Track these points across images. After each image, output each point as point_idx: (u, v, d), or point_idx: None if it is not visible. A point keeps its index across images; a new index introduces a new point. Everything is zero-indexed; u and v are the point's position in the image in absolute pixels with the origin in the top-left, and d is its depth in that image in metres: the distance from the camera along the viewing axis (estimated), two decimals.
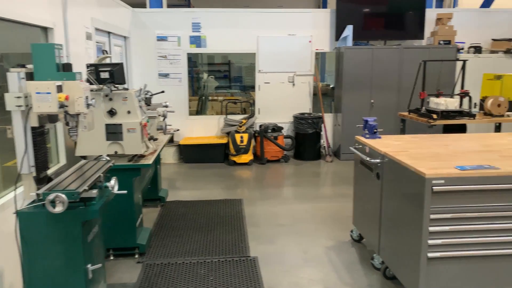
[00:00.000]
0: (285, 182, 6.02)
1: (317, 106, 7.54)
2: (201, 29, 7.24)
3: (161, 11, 7.31)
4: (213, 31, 7.24)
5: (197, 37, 7.26)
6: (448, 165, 2.70)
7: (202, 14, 7.26)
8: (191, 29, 7.24)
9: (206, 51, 7.38)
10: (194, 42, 7.27)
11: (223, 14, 7.27)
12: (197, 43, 7.27)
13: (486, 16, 7.67)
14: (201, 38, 7.26)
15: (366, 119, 3.78)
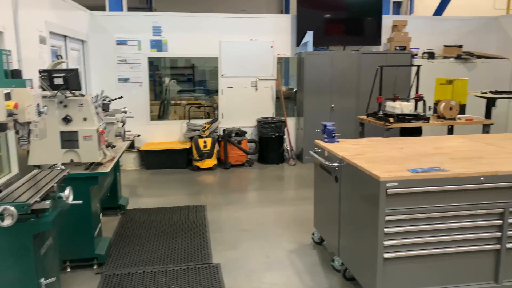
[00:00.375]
0: (249, 187, 6.05)
1: (280, 110, 7.63)
2: (162, 33, 7.17)
3: (120, 15, 7.18)
4: (174, 35, 7.18)
5: (158, 41, 7.18)
6: (401, 168, 2.80)
7: (163, 18, 7.19)
8: (151, 33, 7.15)
9: (167, 55, 7.32)
10: (155, 46, 7.19)
11: (185, 18, 7.23)
12: (158, 47, 7.19)
13: (438, 24, 8.05)
14: (162, 42, 7.19)
15: (324, 123, 3.86)
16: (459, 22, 8.06)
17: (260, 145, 7.30)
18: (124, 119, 4.33)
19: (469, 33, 8.04)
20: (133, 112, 6.74)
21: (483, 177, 2.70)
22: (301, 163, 7.30)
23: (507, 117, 7.68)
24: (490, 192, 2.74)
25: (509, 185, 2.74)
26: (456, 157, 3.10)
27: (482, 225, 2.77)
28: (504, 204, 2.76)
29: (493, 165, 2.85)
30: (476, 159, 3.03)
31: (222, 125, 7.44)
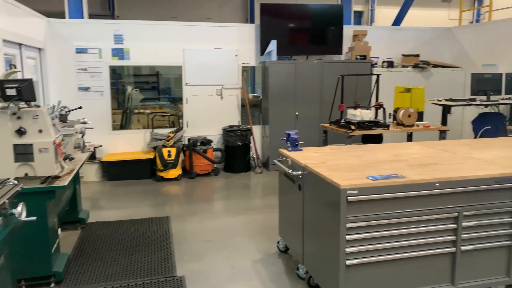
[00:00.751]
0: (214, 196, 6.01)
1: (246, 118, 7.64)
2: (124, 41, 7.05)
3: (80, 22, 7.00)
4: (137, 43, 7.07)
5: (119, 49, 7.05)
6: (361, 176, 2.87)
7: (125, 26, 7.07)
8: (113, 41, 7.02)
9: (129, 64, 7.19)
10: (117, 55, 7.05)
11: (148, 27, 7.15)
12: (119, 56, 7.05)
13: (396, 34, 8.36)
14: (124, 50, 7.06)
15: (288, 132, 3.90)
16: (416, 33, 8.40)
17: (226, 153, 7.28)
18: (83, 130, 4.21)
19: (425, 43, 8.39)
20: (94, 122, 6.61)
21: (438, 183, 2.81)
22: (268, 171, 7.33)
23: (461, 123, 8.04)
24: (445, 197, 2.85)
25: (462, 190, 2.86)
26: (413, 164, 3.20)
27: (438, 229, 2.87)
28: (458, 209, 2.88)
29: (447, 171, 2.97)
30: (432, 166, 3.14)
31: (187, 134, 7.37)
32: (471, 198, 2.89)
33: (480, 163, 3.22)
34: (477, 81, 6.29)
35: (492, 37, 7.50)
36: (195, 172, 6.91)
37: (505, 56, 7.19)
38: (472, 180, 2.87)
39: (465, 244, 2.92)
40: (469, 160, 3.34)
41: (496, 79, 6.40)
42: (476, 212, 2.91)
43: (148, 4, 12.84)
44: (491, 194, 2.94)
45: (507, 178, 2.94)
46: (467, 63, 8.02)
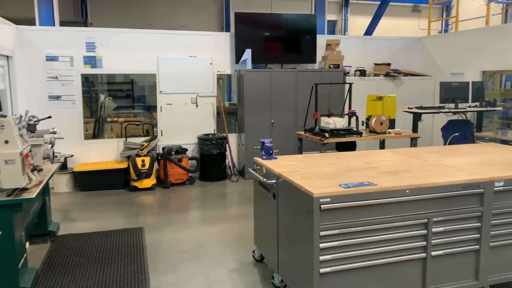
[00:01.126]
0: (190, 205, 5.95)
1: (222, 127, 7.63)
2: (97, 49, 6.94)
3: (50, 29, 6.86)
4: (109, 51, 6.98)
5: (92, 57, 6.94)
6: (334, 184, 2.90)
7: (97, 33, 6.97)
8: (85, 48, 6.90)
9: (102, 72, 7.08)
10: (89, 63, 6.93)
11: (121, 34, 7.07)
12: (92, 64, 6.94)
13: (368, 43, 8.55)
14: (97, 58, 6.95)
15: (262, 141, 3.91)
16: (387, 42, 8.61)
17: (201, 162, 7.23)
18: (53, 140, 4.10)
19: (396, 52, 8.61)
20: (66, 131, 6.47)
21: (408, 190, 2.87)
22: (244, 179, 7.33)
23: (432, 130, 8.26)
24: (415, 203, 2.91)
25: (431, 196, 2.93)
26: (385, 171, 3.26)
27: (410, 236, 2.93)
28: (428, 215, 2.94)
29: (417, 178, 3.03)
30: (402, 173, 3.21)
31: (161, 143, 7.29)
32: (440, 204, 2.97)
33: (449, 170, 3.31)
34: (445, 89, 6.48)
35: (459, 46, 7.76)
36: (170, 182, 6.84)
37: (471, 65, 7.46)
38: (441, 187, 2.94)
39: (435, 250, 2.98)
40: (438, 167, 3.43)
41: (463, 87, 6.62)
42: (445, 218, 2.98)
43: (122, 12, 12.71)
44: (459, 200, 3.02)
45: (473, 184, 3.03)
46: (436, 72, 8.27)
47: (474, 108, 6.61)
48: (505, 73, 9.35)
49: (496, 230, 3.14)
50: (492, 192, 3.08)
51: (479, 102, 6.65)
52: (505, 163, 3.56)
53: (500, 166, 3.42)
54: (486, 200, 3.07)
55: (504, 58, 6.83)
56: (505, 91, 9.99)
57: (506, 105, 8.98)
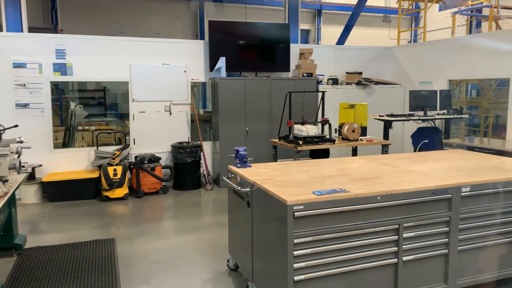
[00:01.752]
0: (163, 215, 5.87)
1: (196, 134, 7.58)
2: (67, 56, 6.79)
3: (18, 36, 6.67)
4: (80, 58, 6.84)
5: (62, 64, 6.78)
6: (307, 191, 2.92)
7: (67, 40, 6.82)
8: (54, 55, 6.74)
9: (73, 79, 6.93)
10: (59, 70, 6.77)
11: (93, 41, 6.94)
12: (62, 71, 6.78)
13: (340, 52, 8.72)
14: (67, 65, 6.80)
15: (237, 149, 3.91)
16: (359, 51, 8.80)
17: (175, 170, 7.16)
18: (20, 149, 3.96)
19: (367, 61, 8.81)
20: (34, 141, 6.28)
21: (379, 197, 2.92)
22: (218, 187, 7.29)
23: (402, 137, 8.47)
24: (386, 210, 2.96)
25: (402, 202, 2.99)
26: (357, 178, 3.32)
27: (381, 241, 2.97)
28: (398, 220, 3.00)
29: (388, 185, 3.10)
30: (374, 179, 3.27)
31: (134, 152, 7.18)
32: (410, 210, 3.03)
33: (418, 176, 3.39)
34: (414, 97, 6.67)
35: (427, 56, 8.02)
36: (143, 191, 6.73)
37: (438, 74, 7.71)
38: (411, 193, 3.02)
39: (406, 255, 3.04)
40: (408, 173, 3.51)
41: (431, 95, 6.83)
42: (415, 223, 3.05)
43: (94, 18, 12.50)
44: (428, 206, 3.10)
45: (442, 190, 3.12)
46: (405, 80, 8.50)
47: (442, 116, 6.82)
48: (471, 82, 9.73)
49: (464, 234, 3.23)
50: (459, 197, 3.18)
51: (447, 110, 6.87)
52: (471, 169, 3.69)
53: (467, 172, 3.53)
54: (454, 205, 3.16)
55: (469, 68, 7.10)
56: (471, 99, 10.40)
57: (472, 113, 9.34)
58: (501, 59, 6.49)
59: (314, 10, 14.70)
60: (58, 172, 6.77)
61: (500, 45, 6.51)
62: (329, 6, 14.54)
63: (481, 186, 3.24)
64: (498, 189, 3.30)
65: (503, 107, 7.59)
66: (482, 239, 3.30)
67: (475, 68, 6.96)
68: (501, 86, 8.91)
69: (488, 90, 9.29)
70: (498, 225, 3.35)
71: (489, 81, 9.13)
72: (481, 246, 3.30)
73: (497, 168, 3.73)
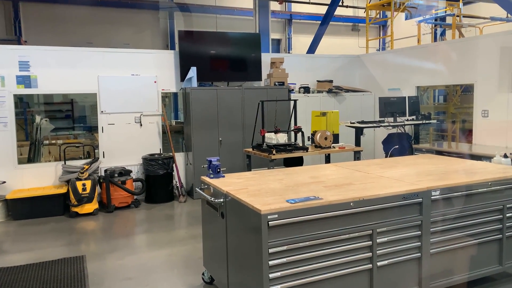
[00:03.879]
0: (135, 230, 5.75)
1: (168, 146, 7.49)
2: (31, 68, 6.61)
3: None
4: (45, 70, 6.67)
5: (26, 76, 6.59)
6: (281, 200, 2.93)
7: (32, 51, 6.64)
8: (18, 67, 6.54)
9: (38, 92, 6.75)
10: (22, 82, 6.57)
11: (58, 53, 6.79)
12: (26, 83, 6.58)
13: (311, 61, 8.85)
14: (31, 77, 6.61)
15: (209, 159, 3.89)
16: (329, 60, 8.96)
17: (147, 183, 7.05)
18: None
19: (338, 69, 8.97)
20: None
21: (352, 203, 2.96)
22: (192, 199, 7.22)
23: (374, 143, 8.64)
24: (359, 216, 3.00)
25: (374, 208, 3.04)
26: (330, 185, 3.35)
27: (356, 248, 3.00)
28: (372, 226, 3.04)
29: (360, 191, 3.14)
30: (347, 186, 3.31)
31: (103, 165, 7.02)
32: (383, 215, 3.08)
33: (390, 181, 3.46)
34: (384, 104, 6.83)
35: (394, 63, 8.25)
36: (114, 206, 6.58)
37: (406, 80, 7.94)
38: (383, 198, 3.07)
39: (380, 260, 3.08)
40: (380, 179, 3.58)
41: (400, 102, 7.01)
42: (388, 228, 3.10)
43: (60, 29, 12.23)
44: (400, 210, 3.16)
45: (413, 194, 3.19)
46: (375, 88, 8.71)
47: (411, 122, 7.00)
48: (437, 88, 10.08)
49: (435, 237, 3.31)
50: (430, 201, 3.25)
51: (416, 116, 7.06)
52: (440, 172, 3.79)
53: (436, 176, 3.63)
54: (425, 209, 3.23)
55: (435, 74, 7.34)
56: (438, 105, 10.76)
57: (439, 118, 9.66)
58: (464, 65, 6.75)
59: (284, 19, 14.90)
60: (23, 188, 6.53)
61: (464, 52, 6.78)
62: (299, 15, 14.78)
63: (450, 190, 3.33)
64: (467, 191, 3.40)
65: (469, 112, 7.89)
66: (453, 241, 3.38)
67: (441, 75, 7.21)
68: (466, 92, 9.28)
69: (454, 96, 9.64)
70: (468, 226, 3.45)
71: (454, 87, 9.48)
72: (453, 248, 3.38)
73: (465, 171, 3.85)
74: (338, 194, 3.06)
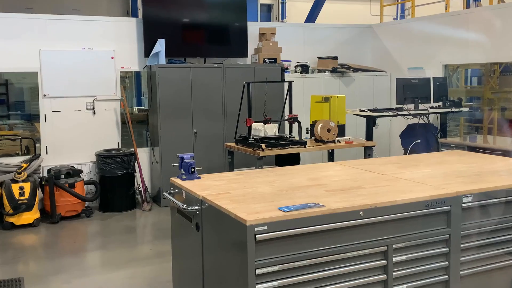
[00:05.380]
0: (87, 245, 5.84)
1: (128, 139, 7.53)
2: None
3: None
4: None
5: None
6: (272, 207, 2.90)
7: None
8: None
9: None
10: None
11: None
12: None
13: (311, 32, 8.86)
14: None
15: (181, 156, 3.89)
16: (333, 30, 8.97)
17: (102, 187, 7.13)
18: None
19: (344, 43, 8.98)
20: None
21: (362, 211, 2.93)
22: (159, 206, 7.32)
23: (389, 137, 8.68)
24: (371, 228, 2.98)
25: (390, 218, 3.02)
26: (334, 189, 3.34)
27: (366, 268, 2.99)
28: (386, 241, 3.02)
29: (372, 196, 3.13)
30: (355, 190, 3.30)
31: (46, 163, 7.07)
32: (400, 227, 3.06)
33: (409, 185, 3.45)
34: (403, 87, 6.85)
35: (416, 36, 8.27)
36: (59, 215, 6.62)
37: (431, 57, 7.96)
38: (400, 206, 3.05)
39: (397, 284, 3.07)
40: (397, 181, 3.57)
41: (423, 84, 7.04)
42: (407, 244, 3.09)
43: None
44: (422, 221, 3.14)
45: (439, 201, 3.18)
46: (391, 66, 8.74)
47: (437, 110, 7.04)
48: (470, 67, 10.12)
49: (467, 255, 3.31)
50: (460, 210, 3.25)
51: (443, 102, 7.10)
52: (473, 173, 3.80)
53: (468, 178, 3.64)
54: (454, 220, 3.23)
55: (467, 50, 7.37)
56: (471, 88, 10.79)
57: (473, 105, 9.70)
58: (505, 38, 6.77)
59: None
60: None
61: (504, 22, 6.79)
62: None
63: (486, 195, 3.33)
64: (507, 197, 3.40)
65: (510, 97, 7.94)
66: (489, 260, 3.39)
67: (475, 50, 7.24)
68: (506, 72, 9.32)
69: (491, 77, 9.69)
70: (509, 242, 3.45)
71: (492, 66, 9.53)
72: (489, 269, 3.39)
73: (506, 172, 3.87)
74: (344, 200, 3.04)
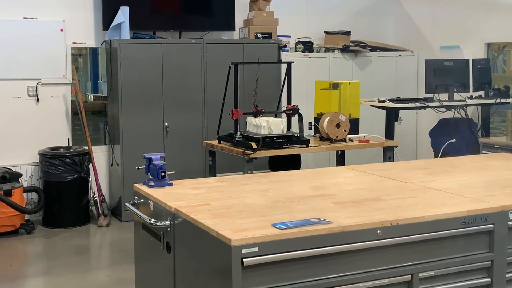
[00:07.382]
0: (26, 270, 5.91)
1: (81, 135, 7.55)
2: None
3: None
4: None
5: None
6: (264, 223, 2.89)
7: None
8: None
9: None
10: None
11: None
12: None
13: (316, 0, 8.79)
14: None
15: (148, 156, 3.90)
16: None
17: (46, 195, 7.14)
18: None
19: (358, 14, 8.99)
20: None
21: (380, 230, 2.93)
22: (119, 221, 7.36)
23: (415, 135, 8.69)
24: (391, 251, 2.98)
25: (415, 239, 3.02)
26: (343, 201, 3.34)
27: None
28: (411, 268, 3.02)
29: (393, 211, 3.13)
30: (371, 203, 3.30)
31: None
32: (429, 251, 3.07)
33: (441, 196, 3.46)
34: (434, 71, 6.87)
35: (452, 7, 8.27)
36: None
37: (470, 34, 7.97)
38: (429, 223, 3.05)
39: None
40: (425, 192, 3.58)
41: (460, 68, 7.06)
42: (437, 272, 3.09)
43: None
44: (457, 243, 3.14)
45: (479, 217, 3.18)
46: (419, 45, 8.76)
47: (477, 100, 7.05)
48: None
49: None
50: (506, 229, 3.25)
51: (485, 91, 7.11)
52: None
53: None
54: (498, 241, 3.23)
55: None
56: None
57: None
58: None
59: None
60: None
61: None
62: None
63: None
64: None
65: None
66: None
67: None
68: None
69: None
70: None
71: None
72: None
73: None
74: (357, 215, 3.04)
